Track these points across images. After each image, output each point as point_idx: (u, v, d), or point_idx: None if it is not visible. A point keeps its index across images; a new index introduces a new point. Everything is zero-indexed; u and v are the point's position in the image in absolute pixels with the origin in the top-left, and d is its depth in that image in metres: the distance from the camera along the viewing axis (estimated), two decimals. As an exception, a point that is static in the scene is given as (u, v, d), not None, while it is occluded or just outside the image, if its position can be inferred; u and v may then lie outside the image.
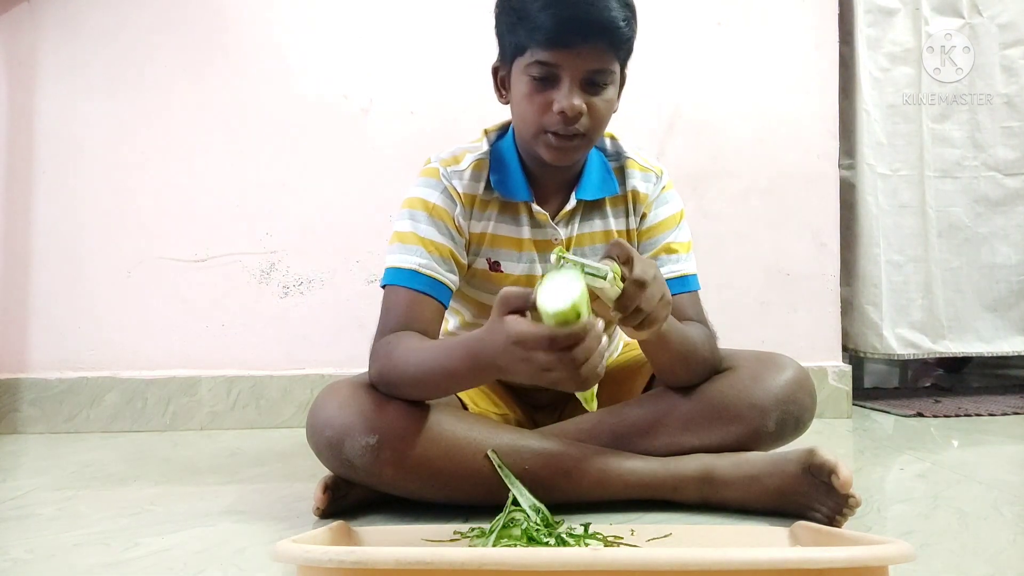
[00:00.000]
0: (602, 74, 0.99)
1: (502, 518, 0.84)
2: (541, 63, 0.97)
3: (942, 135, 2.02)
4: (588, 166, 1.12)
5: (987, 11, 2.02)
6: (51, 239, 1.74)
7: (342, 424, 0.94)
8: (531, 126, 1.02)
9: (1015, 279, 2.03)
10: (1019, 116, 2.03)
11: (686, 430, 1.03)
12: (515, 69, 1.02)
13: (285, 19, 1.81)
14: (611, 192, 1.13)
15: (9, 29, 1.74)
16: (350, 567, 0.57)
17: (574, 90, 0.97)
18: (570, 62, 0.96)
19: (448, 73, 1.82)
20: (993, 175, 2.02)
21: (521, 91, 1.01)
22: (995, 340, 2.03)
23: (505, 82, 1.06)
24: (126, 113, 1.77)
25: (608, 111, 1.02)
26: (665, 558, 0.58)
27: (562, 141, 1.00)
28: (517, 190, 1.10)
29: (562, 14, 0.94)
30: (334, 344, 1.77)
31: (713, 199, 1.90)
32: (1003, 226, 2.03)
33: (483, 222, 1.11)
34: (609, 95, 1.01)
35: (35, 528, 0.96)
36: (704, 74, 1.90)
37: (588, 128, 1.00)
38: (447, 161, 1.10)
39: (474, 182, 1.09)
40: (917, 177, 2.00)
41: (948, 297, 2.01)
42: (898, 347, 1.98)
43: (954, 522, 0.96)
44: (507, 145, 1.12)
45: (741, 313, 1.88)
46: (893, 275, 1.98)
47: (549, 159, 1.03)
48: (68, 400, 1.70)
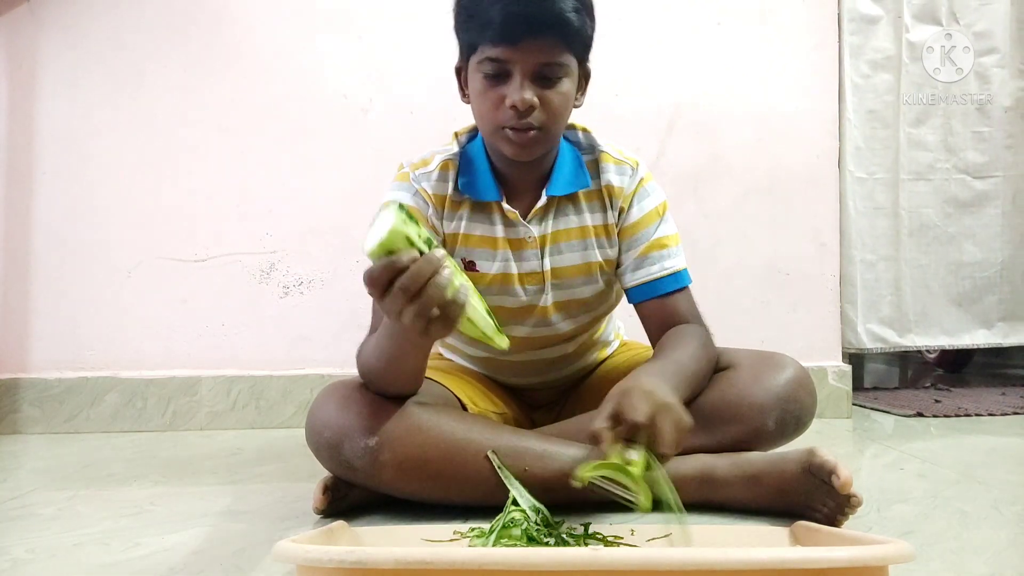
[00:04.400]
0: (552, 67, 0.98)
1: (502, 518, 0.84)
2: (492, 59, 0.98)
3: (917, 139, 2.09)
4: (559, 161, 1.11)
5: (964, 19, 2.10)
6: (51, 239, 1.74)
7: (341, 425, 0.94)
8: (488, 123, 1.02)
9: (979, 276, 2.13)
10: (989, 122, 2.11)
11: (686, 430, 1.03)
12: (470, 67, 1.03)
13: (285, 19, 1.81)
14: (583, 186, 1.11)
15: (9, 30, 1.74)
16: (350, 567, 0.57)
17: (525, 84, 0.97)
18: (520, 57, 0.96)
19: (448, 73, 1.81)
20: (963, 177, 2.11)
21: (476, 88, 1.02)
22: (958, 333, 2.12)
23: (465, 81, 1.07)
24: (126, 113, 1.77)
25: (564, 104, 1.02)
26: (665, 558, 0.58)
27: (519, 135, 1.00)
28: (485, 190, 1.09)
29: (510, 10, 0.94)
30: (334, 344, 1.77)
31: (713, 199, 1.90)
32: (970, 226, 2.12)
33: (455, 222, 1.11)
34: (564, 88, 1.00)
35: (35, 528, 0.96)
36: (704, 74, 1.90)
37: (543, 121, 1.00)
38: (416, 164, 1.11)
39: (441, 183, 1.10)
40: (892, 180, 2.07)
41: (916, 293, 2.10)
42: (869, 342, 2.05)
43: (954, 522, 0.96)
44: (476, 146, 1.12)
45: (741, 313, 1.88)
46: (866, 274, 2.05)
47: (510, 154, 1.03)
48: (68, 400, 1.71)
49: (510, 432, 1.01)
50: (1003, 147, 2.12)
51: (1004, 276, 2.13)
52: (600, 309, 1.20)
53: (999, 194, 2.12)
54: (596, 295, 1.16)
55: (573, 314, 1.16)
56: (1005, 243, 2.13)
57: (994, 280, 2.13)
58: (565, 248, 1.12)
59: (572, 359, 1.23)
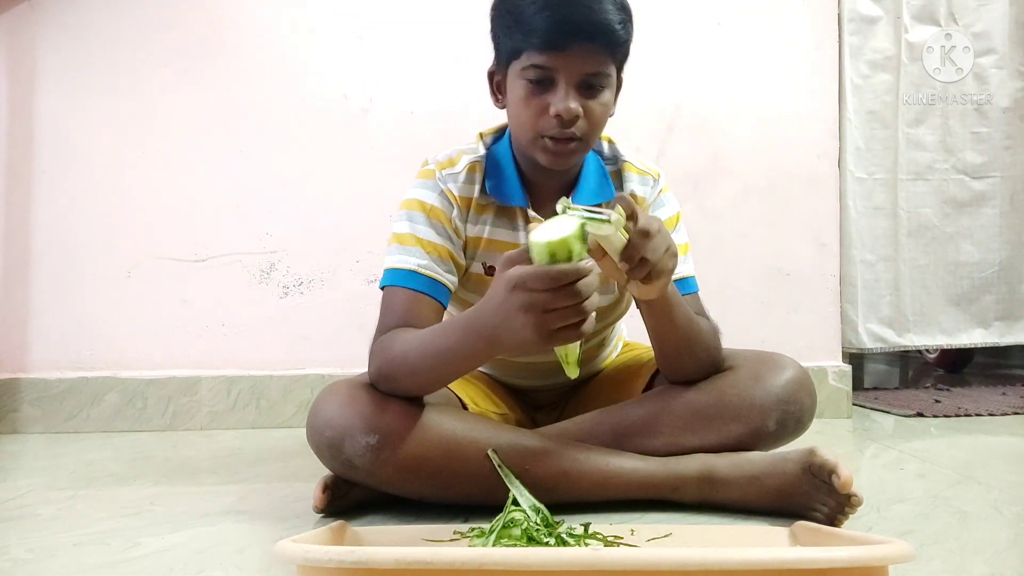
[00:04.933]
0: (598, 77, 0.98)
1: (502, 518, 0.84)
2: (537, 66, 0.97)
3: (916, 140, 2.09)
4: (585, 170, 1.11)
5: (963, 20, 2.10)
6: (51, 239, 1.74)
7: (342, 424, 0.94)
8: (528, 130, 1.01)
9: (977, 276, 2.13)
10: (988, 122, 2.11)
11: (686, 430, 1.03)
12: (511, 73, 1.02)
13: (285, 19, 1.81)
14: (608, 197, 1.12)
15: (9, 29, 1.74)
16: (350, 567, 0.57)
17: (570, 93, 0.97)
18: (566, 65, 0.96)
19: (448, 74, 1.82)
20: (961, 178, 2.12)
21: (517, 95, 1.01)
22: (956, 333, 2.13)
23: (501, 86, 1.06)
24: (126, 113, 1.77)
25: (604, 114, 1.02)
26: (665, 558, 0.58)
27: (559, 145, 1.00)
28: (512, 195, 1.09)
29: (557, 16, 0.94)
30: (334, 344, 1.77)
31: (713, 199, 1.90)
32: (968, 226, 2.13)
33: (479, 226, 1.10)
34: (605, 98, 1.01)
35: (35, 528, 0.96)
36: (704, 74, 1.90)
37: (585, 131, 1.00)
38: (443, 164, 1.10)
39: (468, 184, 1.09)
40: (891, 180, 2.07)
41: (915, 293, 2.10)
42: (869, 342, 2.05)
43: (954, 522, 0.96)
44: (503, 149, 1.11)
45: (741, 313, 1.88)
46: (865, 274, 2.05)
47: (546, 163, 1.03)
48: (68, 400, 1.71)
49: (510, 431, 1.01)
50: (1001, 148, 2.12)
51: (1002, 276, 2.13)
52: (612, 316, 1.21)
53: (997, 194, 2.12)
54: (611, 304, 1.17)
55: None
56: (1003, 243, 2.13)
57: (992, 280, 2.13)
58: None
59: (578, 363, 1.24)
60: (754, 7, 1.92)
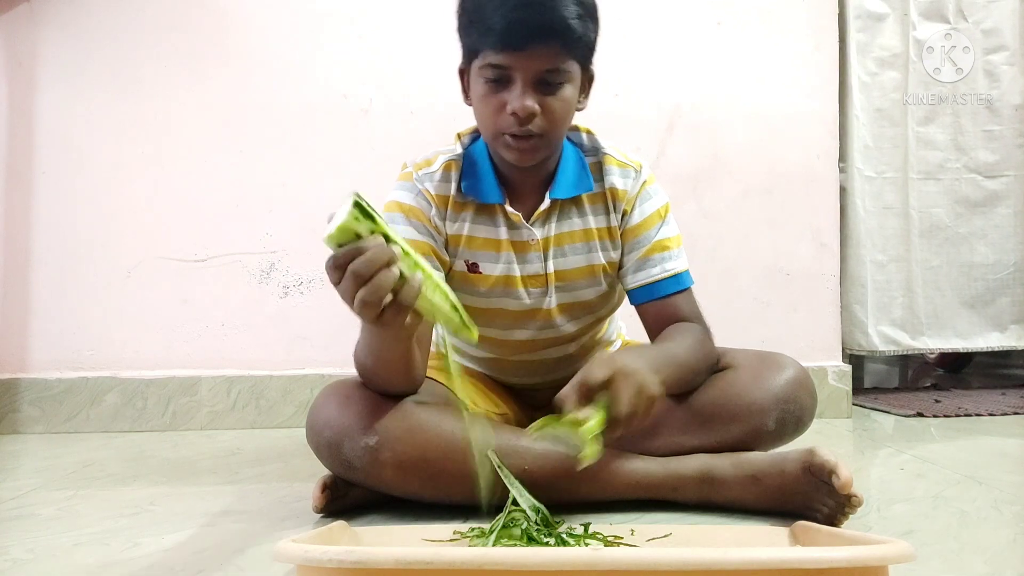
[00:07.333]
0: (555, 74, 0.98)
1: (502, 518, 0.84)
2: (494, 65, 0.97)
3: (926, 138, 2.06)
4: (563, 163, 1.11)
5: (972, 17, 2.07)
6: (51, 239, 1.74)
7: (341, 425, 0.94)
8: (489, 128, 1.02)
9: (992, 277, 2.09)
10: (999, 120, 2.07)
11: (686, 430, 1.03)
12: (472, 71, 1.02)
13: (285, 19, 1.81)
14: (586, 189, 1.11)
15: (9, 29, 1.74)
16: (350, 567, 0.57)
17: (527, 91, 0.97)
18: (522, 63, 0.96)
19: (448, 73, 1.81)
20: (974, 177, 2.07)
21: (478, 93, 1.01)
22: (971, 336, 2.09)
23: (468, 83, 1.06)
24: (126, 113, 1.77)
25: (565, 110, 1.01)
26: (665, 558, 0.58)
27: (519, 142, 1.00)
28: (488, 192, 1.09)
29: (512, 16, 0.94)
30: (334, 344, 1.77)
31: (713, 199, 1.90)
32: (982, 226, 2.08)
33: (458, 223, 1.11)
34: (565, 94, 1.00)
35: (35, 528, 0.96)
36: (704, 74, 1.90)
37: (544, 128, 0.99)
38: (420, 164, 1.11)
39: (444, 183, 1.10)
40: (902, 179, 2.04)
41: (928, 295, 2.06)
42: (880, 344, 2.02)
43: (954, 522, 0.96)
44: (479, 147, 1.11)
45: (741, 313, 1.88)
46: (876, 274, 2.02)
47: (511, 160, 1.03)
48: (68, 400, 1.71)
49: (510, 431, 1.01)
50: (1014, 146, 2.07)
51: (1017, 278, 2.08)
52: (603, 311, 1.20)
53: (1011, 193, 2.07)
54: (599, 297, 1.16)
55: (577, 316, 1.17)
56: (1018, 244, 2.08)
57: (1007, 282, 2.08)
58: (569, 251, 1.12)
59: (575, 359, 1.23)
60: (754, 7, 1.92)
